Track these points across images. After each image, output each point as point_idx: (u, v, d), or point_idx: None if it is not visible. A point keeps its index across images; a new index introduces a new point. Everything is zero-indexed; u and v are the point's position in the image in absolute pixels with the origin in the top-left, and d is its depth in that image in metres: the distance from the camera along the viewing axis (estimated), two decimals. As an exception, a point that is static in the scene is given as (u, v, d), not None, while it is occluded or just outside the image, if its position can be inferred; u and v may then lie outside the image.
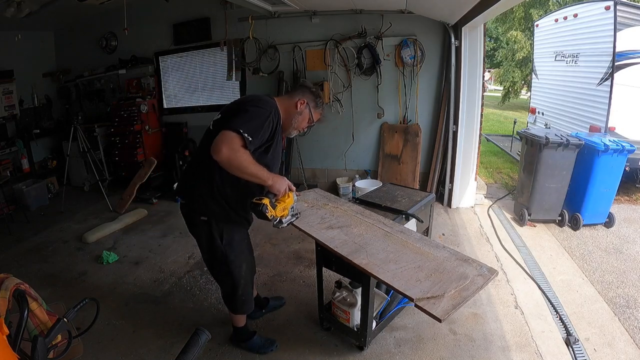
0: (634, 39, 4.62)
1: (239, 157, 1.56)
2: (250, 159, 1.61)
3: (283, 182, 1.78)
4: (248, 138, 1.57)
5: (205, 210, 1.84)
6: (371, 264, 1.57)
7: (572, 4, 6.34)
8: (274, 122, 1.74)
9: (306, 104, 1.87)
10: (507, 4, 2.89)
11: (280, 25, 4.76)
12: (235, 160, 1.56)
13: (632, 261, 3.27)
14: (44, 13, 4.33)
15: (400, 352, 2.20)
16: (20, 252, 3.65)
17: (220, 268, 1.97)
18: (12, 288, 1.06)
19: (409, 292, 1.37)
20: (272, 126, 1.73)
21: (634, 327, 2.44)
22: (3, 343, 0.84)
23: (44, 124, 5.64)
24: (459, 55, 4.14)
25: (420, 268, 1.53)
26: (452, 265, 1.56)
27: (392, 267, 1.54)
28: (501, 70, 15.26)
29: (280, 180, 1.76)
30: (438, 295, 1.34)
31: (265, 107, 1.72)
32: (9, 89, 5.06)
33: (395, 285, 1.42)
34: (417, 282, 1.42)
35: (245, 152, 1.58)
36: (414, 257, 1.62)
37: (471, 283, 1.42)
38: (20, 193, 4.74)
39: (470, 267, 1.55)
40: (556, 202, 3.88)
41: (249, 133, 1.58)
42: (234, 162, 1.56)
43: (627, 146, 3.55)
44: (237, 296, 2.03)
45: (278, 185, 1.75)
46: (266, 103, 1.75)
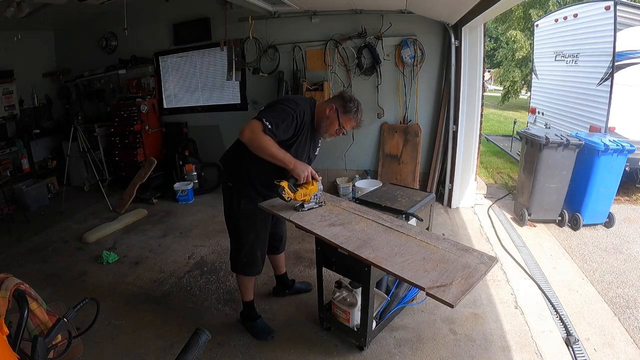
0: (634, 39, 4.62)
1: (259, 139, 1.85)
2: (272, 142, 1.87)
3: (304, 168, 1.95)
4: (267, 125, 1.84)
5: (232, 180, 2.15)
6: (379, 258, 1.61)
7: (572, 4, 6.34)
8: (297, 121, 1.96)
9: (334, 110, 2.04)
10: (507, 4, 2.89)
11: (280, 25, 4.76)
12: (256, 141, 1.85)
13: (632, 261, 3.27)
14: (44, 13, 4.33)
15: (400, 352, 2.20)
16: (20, 252, 3.65)
17: (231, 228, 2.26)
18: (12, 288, 1.06)
19: (419, 281, 1.43)
20: (295, 124, 1.95)
21: (634, 327, 2.44)
22: (3, 343, 0.84)
23: (44, 124, 5.64)
24: (459, 55, 4.14)
25: (425, 260, 1.59)
26: (454, 256, 1.62)
27: (398, 259, 1.59)
28: (501, 70, 15.27)
29: (301, 166, 1.94)
30: (446, 283, 1.41)
31: (292, 106, 1.96)
32: (9, 89, 5.06)
33: (406, 277, 1.47)
34: (425, 273, 1.49)
35: (267, 136, 1.85)
36: (418, 249, 1.68)
37: (475, 270, 1.50)
38: (20, 193, 4.74)
39: (471, 256, 1.61)
40: (556, 202, 3.88)
41: (270, 122, 1.85)
42: (254, 142, 1.86)
43: (627, 146, 3.55)
44: (240, 256, 2.25)
45: (299, 170, 1.93)
46: (295, 104, 1.99)
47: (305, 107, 2.02)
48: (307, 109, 2.03)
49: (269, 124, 1.85)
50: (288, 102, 1.99)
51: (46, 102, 5.75)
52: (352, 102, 2.06)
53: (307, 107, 2.04)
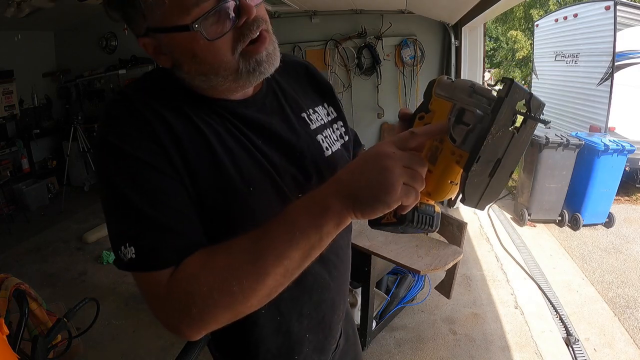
0: (634, 39, 4.62)
1: (184, 302, 0.52)
2: (210, 268, 0.56)
3: (382, 178, 0.56)
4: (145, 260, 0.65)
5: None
6: (375, 246, 1.69)
7: (572, 4, 6.34)
8: (154, 159, 1.24)
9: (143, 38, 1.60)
10: (507, 4, 2.89)
11: (281, 25, 4.76)
12: (187, 310, 0.45)
13: (632, 261, 3.27)
14: (44, 13, 4.33)
15: (400, 352, 2.20)
16: (20, 252, 3.65)
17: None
18: (12, 288, 1.06)
19: (415, 265, 1.56)
20: (159, 171, 1.10)
21: (634, 327, 2.44)
22: (3, 343, 0.84)
23: (44, 124, 5.63)
24: (459, 55, 4.14)
25: (418, 247, 1.71)
26: (445, 243, 1.81)
27: (393, 247, 1.68)
28: (501, 70, 15.26)
29: (369, 184, 0.57)
30: (440, 267, 1.58)
31: (116, 165, 0.79)
32: (9, 89, 5.05)
33: (402, 262, 1.58)
34: (419, 258, 1.62)
35: (176, 282, 0.61)
36: (410, 237, 1.79)
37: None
38: (20, 193, 4.74)
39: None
40: (556, 202, 3.88)
41: (134, 244, 0.51)
42: (188, 315, 0.53)
43: (627, 146, 3.55)
44: None
45: (375, 195, 0.55)
46: (112, 148, 1.04)
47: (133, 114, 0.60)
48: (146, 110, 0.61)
49: (133, 253, 0.54)
50: (107, 170, 0.58)
51: (46, 102, 5.75)
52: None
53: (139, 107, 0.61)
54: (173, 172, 0.56)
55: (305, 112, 0.73)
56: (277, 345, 0.72)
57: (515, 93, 0.44)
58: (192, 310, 0.51)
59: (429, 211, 0.55)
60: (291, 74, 0.76)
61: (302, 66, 0.80)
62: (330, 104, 0.79)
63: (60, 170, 5.41)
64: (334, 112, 0.79)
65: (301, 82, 0.77)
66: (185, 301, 0.51)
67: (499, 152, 0.47)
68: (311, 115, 0.73)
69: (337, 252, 0.76)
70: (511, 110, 0.45)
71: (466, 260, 3.12)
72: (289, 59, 0.76)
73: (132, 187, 0.54)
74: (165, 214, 0.55)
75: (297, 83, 0.76)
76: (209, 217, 0.59)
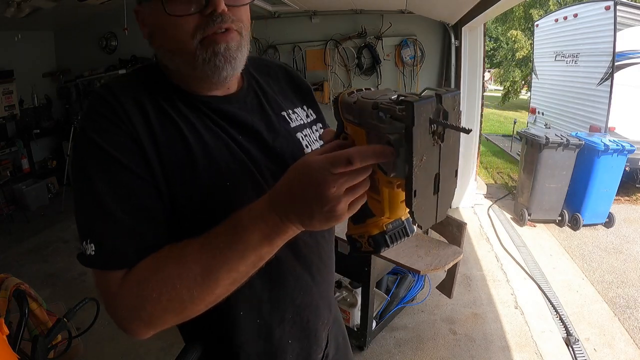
0: (634, 39, 4.62)
1: (138, 296, 0.59)
2: (163, 264, 0.68)
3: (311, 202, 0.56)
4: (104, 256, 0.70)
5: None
6: None
7: (572, 4, 6.35)
8: (121, 150, 1.20)
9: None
10: (507, 4, 2.89)
11: (281, 25, 4.76)
12: (137, 309, 0.68)
13: (632, 261, 3.27)
14: (43, 13, 4.33)
15: (400, 352, 2.20)
16: (20, 252, 3.65)
17: None
18: (12, 288, 1.06)
19: (415, 265, 1.55)
20: (126, 164, 0.99)
21: (634, 327, 2.44)
22: (3, 343, 0.84)
23: (44, 124, 5.64)
24: (459, 55, 4.14)
25: (418, 247, 1.71)
26: (444, 243, 1.78)
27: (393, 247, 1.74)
28: (501, 70, 15.27)
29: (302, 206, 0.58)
30: (440, 267, 1.58)
31: (88, 157, 0.86)
32: (9, 89, 5.05)
33: (402, 262, 1.57)
34: (419, 258, 1.61)
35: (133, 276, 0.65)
36: (410, 237, 1.86)
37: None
38: (20, 193, 4.74)
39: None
40: (556, 202, 3.88)
41: (97, 240, 0.74)
42: (136, 312, 0.55)
43: (627, 146, 3.55)
44: None
45: (307, 216, 0.56)
46: (88, 142, 1.11)
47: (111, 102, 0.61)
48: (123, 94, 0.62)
49: (99, 249, 0.58)
50: (80, 163, 0.60)
51: (46, 102, 5.75)
52: None
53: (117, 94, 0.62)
54: (146, 171, 0.57)
55: (285, 111, 0.74)
56: (257, 351, 0.70)
57: (421, 114, 0.40)
58: (141, 313, 0.54)
59: (397, 225, 0.55)
60: (271, 75, 0.77)
61: (280, 68, 0.80)
62: (309, 106, 0.80)
63: (60, 170, 5.41)
64: (313, 114, 0.79)
65: (280, 84, 0.78)
66: (136, 304, 0.54)
67: (433, 170, 0.44)
68: (291, 114, 0.74)
69: (321, 254, 0.74)
70: (425, 129, 0.41)
71: (466, 260, 3.12)
72: (267, 62, 0.80)
73: (103, 183, 0.56)
74: (130, 214, 0.56)
75: (277, 84, 0.77)
76: (184, 213, 0.59)
